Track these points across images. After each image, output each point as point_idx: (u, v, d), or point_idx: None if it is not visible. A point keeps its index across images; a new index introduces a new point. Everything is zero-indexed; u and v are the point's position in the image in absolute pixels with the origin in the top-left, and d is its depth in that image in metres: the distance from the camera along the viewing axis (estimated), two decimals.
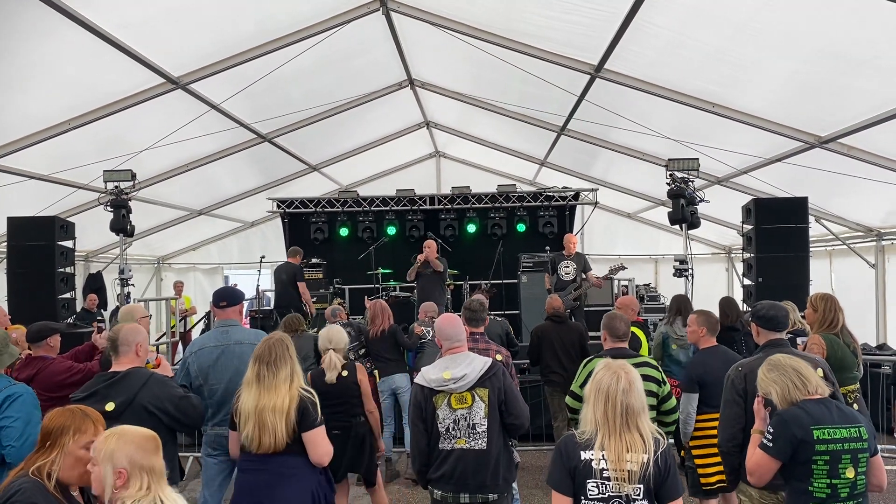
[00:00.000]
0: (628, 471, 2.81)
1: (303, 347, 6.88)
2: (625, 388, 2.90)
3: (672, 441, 4.92)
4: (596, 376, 3.00)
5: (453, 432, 3.88)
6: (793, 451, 3.18)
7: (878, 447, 3.40)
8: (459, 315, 4.92)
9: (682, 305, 6.98)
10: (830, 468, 3.15)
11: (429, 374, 3.98)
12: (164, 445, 2.74)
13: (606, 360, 3.15)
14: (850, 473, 3.16)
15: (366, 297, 9.56)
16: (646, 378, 4.51)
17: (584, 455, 2.87)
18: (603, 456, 2.84)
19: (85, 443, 2.75)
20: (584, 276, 9.47)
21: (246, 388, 3.83)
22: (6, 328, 6.52)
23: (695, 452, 5.19)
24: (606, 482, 2.83)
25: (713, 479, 5.15)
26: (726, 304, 6.94)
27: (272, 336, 3.99)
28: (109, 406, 3.68)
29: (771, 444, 3.22)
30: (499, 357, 4.82)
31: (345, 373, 5.25)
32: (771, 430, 3.25)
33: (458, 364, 3.94)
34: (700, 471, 5.16)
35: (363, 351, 7.49)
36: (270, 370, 3.79)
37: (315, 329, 8.53)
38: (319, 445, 3.83)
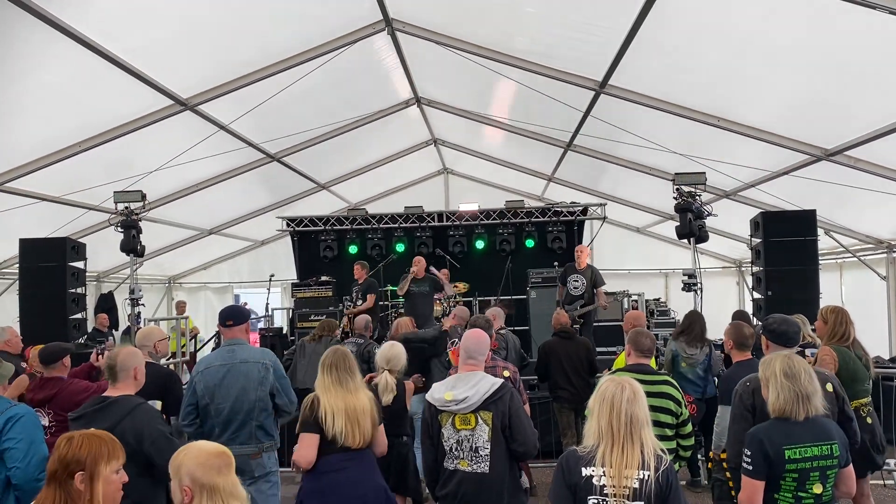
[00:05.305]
0: (630, 488, 2.80)
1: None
2: (629, 397, 2.90)
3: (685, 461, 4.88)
4: (601, 388, 3.01)
5: (456, 452, 3.87)
6: (768, 468, 3.24)
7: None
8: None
9: (692, 323, 6.93)
10: (798, 485, 3.24)
11: (435, 393, 3.97)
12: (140, 477, 2.62)
13: (611, 374, 3.17)
14: (817, 489, 3.24)
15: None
16: (664, 396, 4.53)
17: (585, 471, 2.86)
18: (604, 472, 2.83)
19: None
20: (594, 291, 9.43)
21: (324, 391, 4.09)
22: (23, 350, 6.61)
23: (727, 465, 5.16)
24: (606, 499, 2.81)
25: None
26: (739, 318, 6.85)
27: (337, 349, 4.36)
28: None
29: (751, 467, 3.27)
30: (506, 374, 4.79)
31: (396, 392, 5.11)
32: (748, 452, 3.28)
33: (463, 384, 3.88)
34: (732, 483, 5.12)
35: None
36: (348, 374, 4.16)
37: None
38: (385, 437, 4.30)
